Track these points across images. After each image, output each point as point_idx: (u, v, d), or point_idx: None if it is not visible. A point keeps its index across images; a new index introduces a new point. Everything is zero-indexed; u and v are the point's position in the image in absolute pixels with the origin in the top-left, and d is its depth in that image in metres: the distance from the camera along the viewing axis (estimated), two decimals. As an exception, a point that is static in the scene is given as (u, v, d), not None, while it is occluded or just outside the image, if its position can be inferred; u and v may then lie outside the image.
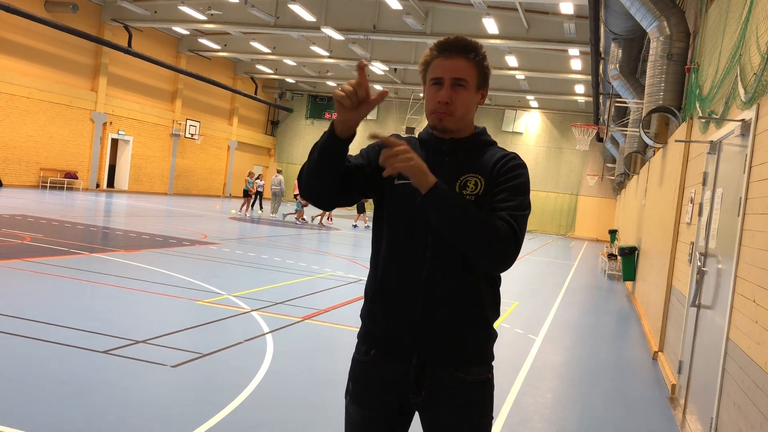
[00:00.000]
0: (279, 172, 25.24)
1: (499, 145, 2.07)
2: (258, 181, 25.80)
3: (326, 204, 2.02)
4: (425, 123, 2.09)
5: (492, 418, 2.05)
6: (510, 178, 1.93)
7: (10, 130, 25.05)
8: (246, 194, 25.07)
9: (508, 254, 1.81)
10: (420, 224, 1.94)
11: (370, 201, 2.14)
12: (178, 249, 12.17)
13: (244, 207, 24.74)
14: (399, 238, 1.98)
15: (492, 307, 2.03)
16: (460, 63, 1.92)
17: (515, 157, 2.00)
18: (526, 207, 1.90)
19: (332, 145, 1.86)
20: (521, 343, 7.38)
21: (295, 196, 24.13)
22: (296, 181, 24.95)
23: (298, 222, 22.59)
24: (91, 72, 28.82)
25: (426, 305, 1.93)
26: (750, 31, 4.32)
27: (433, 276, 1.93)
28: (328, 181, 1.93)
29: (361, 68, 1.83)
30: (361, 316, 2.10)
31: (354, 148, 1.99)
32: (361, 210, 24.24)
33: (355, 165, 2.00)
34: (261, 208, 26.59)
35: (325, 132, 1.89)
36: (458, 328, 1.95)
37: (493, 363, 2.06)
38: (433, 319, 1.93)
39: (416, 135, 2.15)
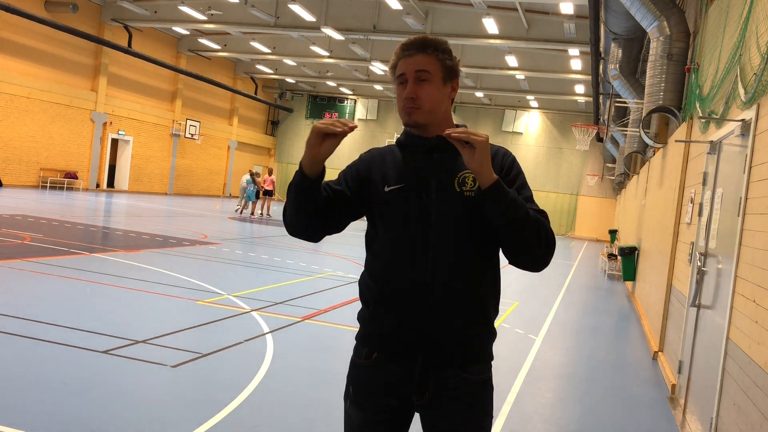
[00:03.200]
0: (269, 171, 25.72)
1: (499, 145, 2.07)
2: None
3: (315, 236, 2.05)
4: None
5: (492, 417, 2.05)
6: (519, 180, 1.99)
7: (10, 130, 25.05)
8: (257, 195, 25.05)
9: (552, 253, 1.92)
10: (419, 226, 1.94)
11: None
12: (178, 249, 12.17)
13: (254, 208, 24.78)
14: (399, 241, 1.96)
15: (494, 305, 2.03)
16: (419, 58, 1.96)
17: (507, 152, 2.05)
18: (540, 208, 1.98)
19: (304, 183, 1.91)
20: (521, 343, 7.38)
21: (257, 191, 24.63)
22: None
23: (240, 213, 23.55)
24: (91, 72, 28.82)
25: (432, 306, 1.92)
26: (750, 31, 4.32)
27: (438, 276, 1.92)
28: (310, 216, 1.96)
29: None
30: (360, 319, 2.07)
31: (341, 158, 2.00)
32: None
33: (334, 193, 2.01)
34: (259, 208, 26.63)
35: (296, 171, 1.93)
36: (463, 328, 1.95)
37: (494, 362, 2.06)
38: (439, 319, 1.92)
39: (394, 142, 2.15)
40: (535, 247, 1.88)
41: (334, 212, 2.00)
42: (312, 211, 1.95)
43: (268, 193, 25.12)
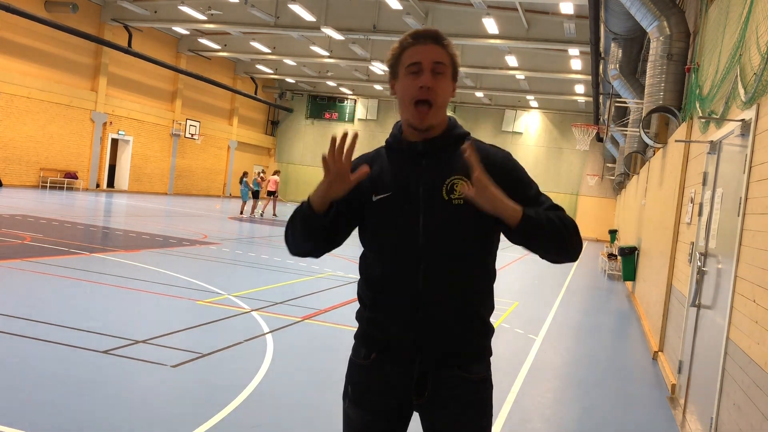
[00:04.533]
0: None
1: (498, 145, 2.04)
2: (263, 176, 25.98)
3: (318, 256, 2.06)
4: None
5: (492, 416, 2.04)
6: (521, 180, 1.95)
7: (10, 130, 25.04)
8: (256, 195, 25.00)
9: (580, 240, 1.91)
10: (409, 235, 1.91)
11: None
12: (178, 249, 12.17)
13: (255, 207, 24.80)
14: (389, 248, 1.95)
15: (488, 302, 2.02)
16: (436, 49, 1.89)
17: (503, 154, 1.99)
18: (548, 197, 1.97)
19: (314, 222, 1.89)
20: (521, 343, 7.38)
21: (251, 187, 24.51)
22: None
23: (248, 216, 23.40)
24: (91, 72, 28.81)
25: (425, 309, 1.91)
26: (750, 31, 4.32)
27: (428, 279, 1.91)
28: (316, 243, 1.98)
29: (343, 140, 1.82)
30: (358, 319, 2.07)
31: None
32: None
33: (335, 215, 1.95)
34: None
35: (303, 205, 1.90)
36: (458, 327, 1.94)
37: (494, 362, 2.06)
38: (434, 320, 1.92)
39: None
40: (568, 247, 1.88)
41: (335, 231, 1.98)
42: (317, 242, 1.97)
43: (272, 194, 25.18)
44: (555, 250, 1.88)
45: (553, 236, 1.84)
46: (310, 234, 1.93)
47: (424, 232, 1.90)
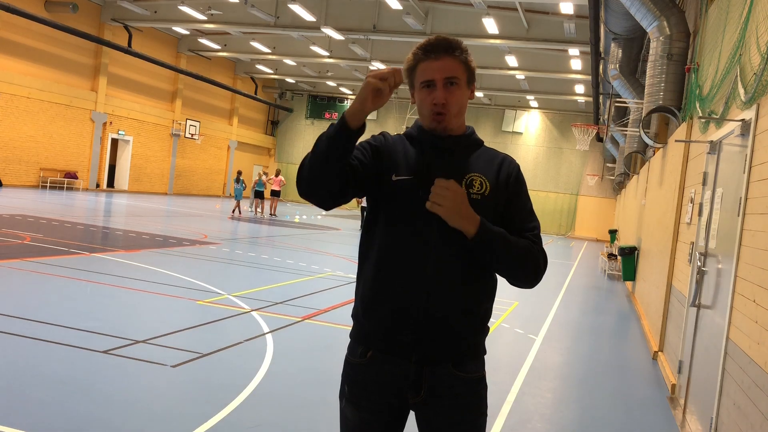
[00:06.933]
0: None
1: (498, 145, 2.07)
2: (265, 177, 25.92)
3: (327, 202, 1.92)
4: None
5: (486, 416, 2.06)
6: (523, 193, 2.04)
7: (10, 130, 25.04)
8: (258, 195, 24.97)
9: (542, 274, 1.99)
10: (422, 221, 1.92)
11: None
12: (178, 249, 12.17)
13: (258, 207, 24.78)
14: (400, 236, 1.95)
15: (491, 301, 2.04)
16: (448, 62, 1.92)
17: (516, 164, 2.07)
18: (538, 221, 2.04)
19: (345, 136, 1.80)
20: (521, 343, 7.38)
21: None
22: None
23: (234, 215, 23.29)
24: (91, 72, 28.81)
25: (430, 302, 1.92)
26: (750, 31, 4.32)
27: (437, 273, 1.92)
28: (335, 176, 1.84)
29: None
30: (354, 316, 2.06)
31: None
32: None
33: (357, 160, 1.93)
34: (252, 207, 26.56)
35: (332, 124, 1.83)
36: (459, 324, 1.95)
37: (494, 362, 2.07)
38: (435, 316, 1.92)
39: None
40: (521, 277, 1.96)
41: (351, 180, 1.90)
42: (339, 167, 1.83)
43: (276, 194, 25.17)
44: (508, 273, 1.95)
45: (510, 262, 1.93)
46: (335, 156, 1.81)
47: (439, 220, 1.91)
